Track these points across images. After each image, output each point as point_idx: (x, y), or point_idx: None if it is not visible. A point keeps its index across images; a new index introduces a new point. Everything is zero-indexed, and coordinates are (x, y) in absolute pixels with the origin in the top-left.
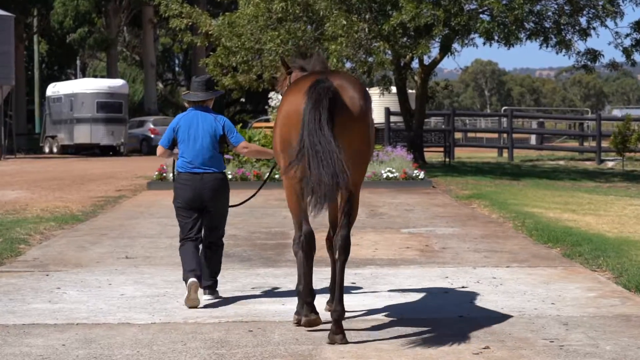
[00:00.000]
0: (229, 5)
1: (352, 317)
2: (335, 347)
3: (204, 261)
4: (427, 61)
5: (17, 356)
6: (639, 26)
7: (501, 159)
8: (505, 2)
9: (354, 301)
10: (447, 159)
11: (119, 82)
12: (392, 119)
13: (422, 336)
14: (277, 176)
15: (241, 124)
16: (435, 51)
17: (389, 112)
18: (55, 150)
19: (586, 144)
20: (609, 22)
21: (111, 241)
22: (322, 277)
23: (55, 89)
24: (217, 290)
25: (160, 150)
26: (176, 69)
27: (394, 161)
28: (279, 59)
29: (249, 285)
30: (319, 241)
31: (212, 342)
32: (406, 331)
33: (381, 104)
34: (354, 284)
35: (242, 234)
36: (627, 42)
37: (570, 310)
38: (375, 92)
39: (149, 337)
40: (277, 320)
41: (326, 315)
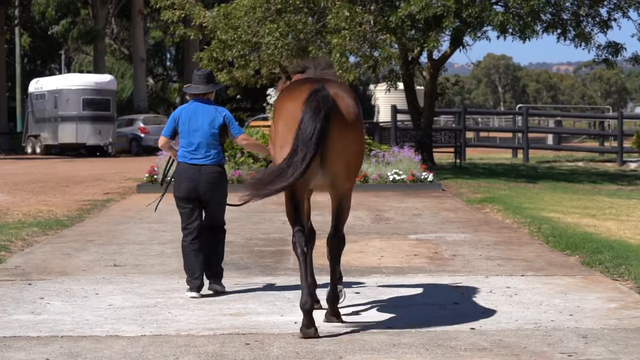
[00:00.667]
0: None
1: (357, 329)
2: None
3: (207, 249)
4: (436, 55)
5: None
6: None
7: (516, 160)
8: None
9: (359, 312)
10: (458, 160)
11: (106, 78)
12: (399, 117)
13: (431, 350)
14: None
15: (237, 123)
16: (445, 45)
17: (395, 110)
18: (38, 150)
19: (607, 144)
20: (632, 13)
21: (98, 248)
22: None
23: (38, 85)
24: (223, 284)
25: (162, 140)
26: (168, 63)
27: (401, 162)
28: (277, 53)
29: (245, 294)
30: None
31: (207, 355)
32: (414, 343)
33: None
34: (358, 293)
35: (239, 241)
36: None
37: (589, 322)
38: (381, 88)
39: (138, 350)
40: (276, 332)
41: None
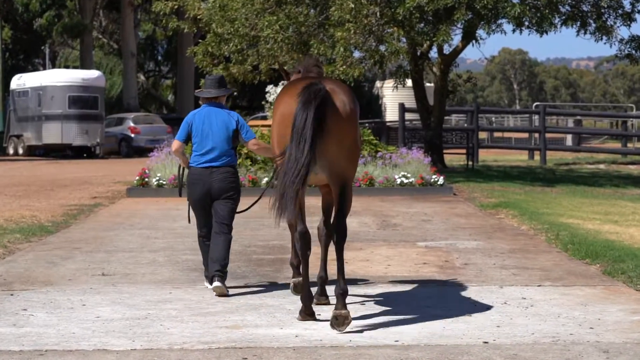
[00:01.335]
0: None
1: (362, 342)
2: None
3: (211, 248)
4: (447, 50)
5: None
6: None
7: (532, 162)
8: None
9: (365, 324)
10: (470, 163)
11: (94, 74)
12: (408, 116)
13: None
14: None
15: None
16: (457, 39)
17: (403, 109)
18: (20, 151)
19: (630, 145)
20: None
21: (85, 256)
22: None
23: (20, 81)
24: (225, 283)
25: (176, 144)
26: (160, 58)
27: (409, 165)
28: (277, 47)
29: (243, 305)
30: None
31: None
32: (423, 358)
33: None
34: (363, 304)
35: (236, 248)
36: None
37: (611, 335)
38: (388, 85)
39: None
40: (275, 346)
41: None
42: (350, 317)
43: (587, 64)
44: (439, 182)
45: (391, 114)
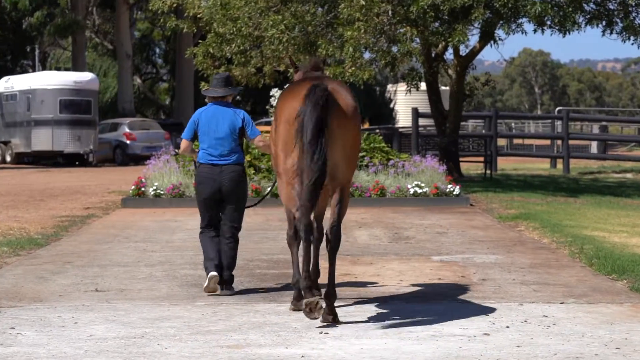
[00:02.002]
0: None
1: None
2: None
3: (224, 252)
4: (464, 51)
5: None
6: None
7: (555, 170)
8: None
9: (374, 345)
10: (488, 171)
11: (87, 76)
12: (422, 121)
13: None
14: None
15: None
16: (474, 39)
17: (417, 114)
18: (8, 159)
19: None
20: None
21: (77, 270)
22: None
23: (8, 84)
24: (233, 287)
25: (184, 143)
26: (157, 60)
27: (423, 173)
28: (282, 48)
29: (246, 323)
30: None
31: None
32: None
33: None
34: (374, 322)
35: (238, 262)
36: None
37: (639, 356)
38: (400, 89)
39: None
40: None
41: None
42: (337, 319)
43: (613, 66)
44: (454, 192)
45: (404, 120)
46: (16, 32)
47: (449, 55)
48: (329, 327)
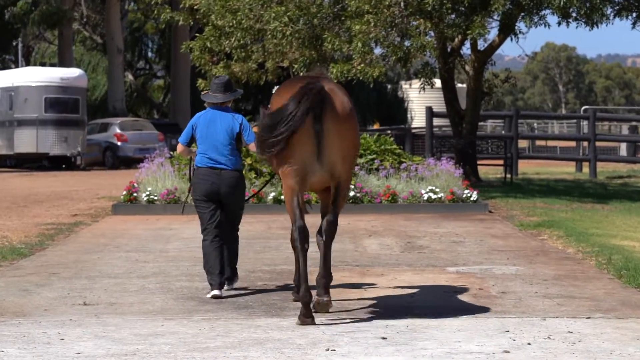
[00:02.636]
0: None
1: None
2: None
3: (227, 255)
4: (482, 45)
5: None
6: None
7: (580, 175)
8: None
9: None
10: (509, 175)
11: (74, 73)
12: (436, 121)
13: None
14: (282, 196)
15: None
16: (493, 32)
17: (431, 113)
18: None
19: None
20: None
21: (64, 282)
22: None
23: None
24: (235, 279)
25: (180, 147)
26: (150, 55)
27: (437, 178)
28: (286, 42)
29: (246, 340)
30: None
31: None
32: None
33: (421, 103)
34: (384, 339)
35: (239, 274)
36: None
37: None
38: (413, 87)
39: None
40: None
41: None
42: (331, 304)
43: None
44: (472, 198)
45: (417, 119)
46: None
47: (466, 50)
48: (335, 344)
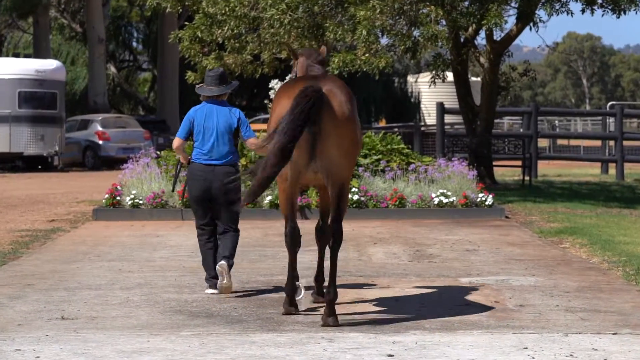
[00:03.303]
0: None
1: None
2: None
3: (220, 247)
4: (498, 35)
5: None
6: None
7: (606, 177)
8: None
9: None
10: (527, 178)
11: (51, 64)
12: (448, 119)
13: None
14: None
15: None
16: (511, 21)
17: (442, 110)
18: None
19: None
20: None
21: (40, 295)
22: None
23: None
24: (231, 274)
25: (177, 141)
26: (135, 45)
27: (449, 180)
28: (284, 32)
29: (240, 357)
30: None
31: None
32: None
33: (432, 98)
34: (391, 356)
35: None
36: None
37: None
38: (423, 80)
39: None
40: None
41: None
42: (338, 323)
43: None
44: (487, 202)
45: (427, 116)
46: None
47: (481, 40)
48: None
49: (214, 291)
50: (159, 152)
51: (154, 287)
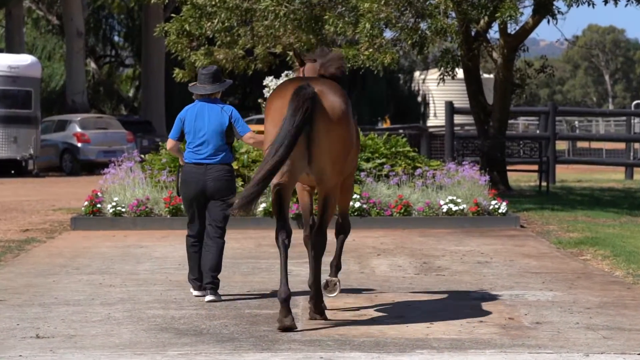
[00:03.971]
0: None
1: None
2: None
3: (204, 255)
4: (513, 29)
5: None
6: None
7: (631, 182)
8: None
9: None
10: (544, 183)
11: (25, 60)
12: (458, 119)
13: None
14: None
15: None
16: (527, 13)
17: (452, 109)
18: None
19: None
20: None
21: (13, 311)
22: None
23: None
24: (219, 293)
25: (170, 143)
26: (117, 39)
27: (459, 186)
28: (279, 24)
29: None
30: None
31: None
32: None
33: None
34: None
35: (222, 302)
36: None
37: None
38: (431, 77)
39: None
40: None
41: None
42: (325, 315)
43: None
44: (500, 210)
45: (435, 116)
46: None
47: (494, 33)
48: None
49: (198, 293)
50: (143, 156)
51: (137, 302)
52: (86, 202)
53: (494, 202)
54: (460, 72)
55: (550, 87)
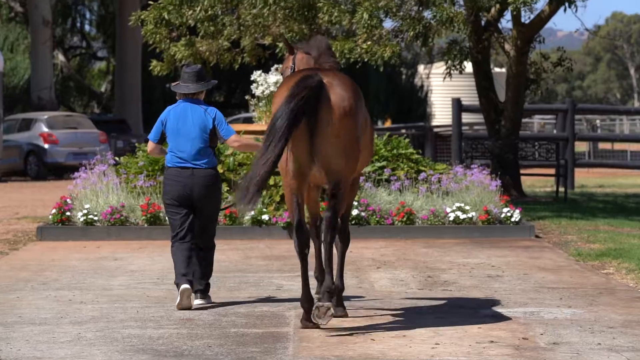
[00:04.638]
0: None
1: None
2: None
3: (199, 263)
4: (527, 17)
5: None
6: None
7: None
8: None
9: None
10: (562, 189)
11: None
12: (466, 117)
13: None
14: (265, 217)
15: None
16: (542, 0)
17: (459, 107)
18: None
19: None
20: None
21: None
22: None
23: None
24: (210, 295)
25: (150, 145)
26: (88, 29)
27: (467, 192)
28: (268, 13)
29: None
30: None
31: None
32: None
33: (447, 93)
34: None
35: (206, 317)
36: None
37: None
38: (436, 71)
39: None
40: None
41: None
42: (332, 310)
43: None
44: (513, 219)
45: (441, 115)
46: None
47: (506, 23)
48: None
49: (186, 286)
50: (117, 158)
51: (111, 320)
52: (54, 210)
53: (506, 210)
54: (468, 66)
55: (568, 83)
